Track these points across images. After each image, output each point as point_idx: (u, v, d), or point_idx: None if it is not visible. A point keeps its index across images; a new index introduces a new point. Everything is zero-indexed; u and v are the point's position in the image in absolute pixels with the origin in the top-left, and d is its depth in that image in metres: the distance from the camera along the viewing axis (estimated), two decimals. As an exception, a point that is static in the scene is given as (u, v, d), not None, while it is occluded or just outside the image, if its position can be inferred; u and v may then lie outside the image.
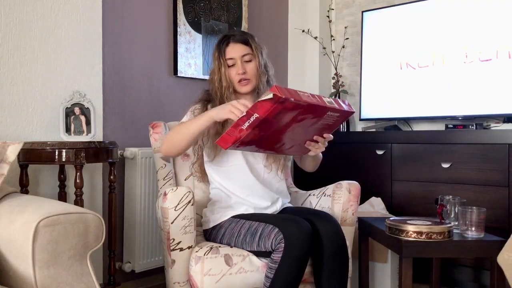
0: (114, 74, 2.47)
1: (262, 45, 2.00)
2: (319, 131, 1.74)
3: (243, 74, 1.93)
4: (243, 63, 1.93)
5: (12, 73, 2.04)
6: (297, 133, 1.69)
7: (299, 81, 3.51)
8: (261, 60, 1.96)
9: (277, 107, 1.49)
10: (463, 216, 1.94)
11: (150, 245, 2.46)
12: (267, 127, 1.57)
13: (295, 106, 1.52)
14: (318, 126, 1.70)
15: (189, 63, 2.81)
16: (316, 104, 1.57)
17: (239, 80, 1.93)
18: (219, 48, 1.95)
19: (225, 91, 1.92)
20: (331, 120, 1.70)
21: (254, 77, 1.95)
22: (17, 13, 2.06)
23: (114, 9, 2.46)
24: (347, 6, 3.50)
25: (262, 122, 1.53)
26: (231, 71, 1.94)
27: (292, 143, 1.74)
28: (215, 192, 2.00)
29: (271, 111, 1.49)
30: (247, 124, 1.53)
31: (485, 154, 2.51)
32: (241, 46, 1.94)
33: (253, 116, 1.51)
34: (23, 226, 1.31)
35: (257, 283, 1.75)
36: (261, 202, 1.94)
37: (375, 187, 2.85)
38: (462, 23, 2.81)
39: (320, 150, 1.81)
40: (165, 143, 1.87)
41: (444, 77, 2.86)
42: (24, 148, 1.90)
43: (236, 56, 1.93)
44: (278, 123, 1.58)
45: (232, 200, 1.94)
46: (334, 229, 1.77)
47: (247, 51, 1.94)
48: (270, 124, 1.56)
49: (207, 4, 2.92)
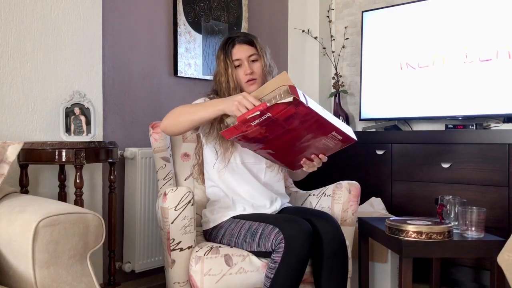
0: (114, 74, 2.47)
1: (265, 46, 2.02)
2: (318, 150, 1.74)
3: (251, 74, 1.94)
4: (249, 63, 1.94)
5: (12, 73, 2.04)
6: (297, 146, 1.70)
7: (299, 81, 3.50)
8: (266, 60, 1.98)
9: (290, 109, 1.50)
10: (463, 216, 1.94)
11: (150, 245, 2.46)
12: (274, 129, 1.58)
13: (307, 113, 1.54)
14: (318, 145, 1.71)
15: (189, 63, 2.81)
16: (325, 118, 1.58)
17: (247, 80, 1.94)
18: (225, 50, 1.96)
19: (232, 92, 1.93)
20: (332, 142, 1.70)
21: (260, 77, 1.96)
22: (17, 13, 2.06)
23: (114, 9, 2.46)
24: (347, 6, 3.50)
25: (271, 122, 1.54)
26: (238, 72, 1.95)
27: (288, 154, 1.75)
28: (213, 191, 2.00)
29: (284, 112, 1.51)
30: (257, 121, 1.54)
31: (485, 154, 2.51)
32: (247, 46, 1.95)
33: (265, 116, 1.52)
34: (23, 226, 1.31)
35: (257, 283, 1.75)
36: (260, 202, 1.94)
37: (375, 187, 2.85)
38: (462, 23, 2.81)
39: (313, 169, 1.82)
40: (168, 119, 1.83)
41: (444, 77, 2.86)
42: (24, 148, 1.90)
43: (242, 56, 1.94)
44: (285, 128, 1.58)
45: (231, 200, 1.94)
46: (334, 229, 1.78)
47: (253, 52, 1.95)
48: (277, 127, 1.58)
49: (207, 4, 2.92)
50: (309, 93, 3.45)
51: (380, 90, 3.11)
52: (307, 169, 1.81)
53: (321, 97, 3.45)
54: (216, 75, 2.01)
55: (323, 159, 1.78)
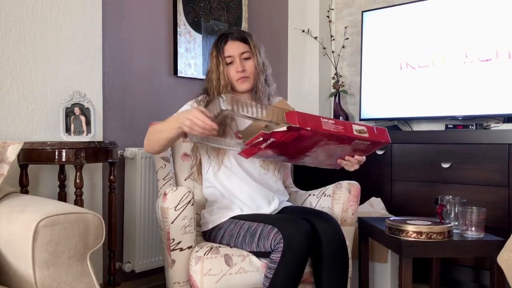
0: (114, 74, 2.47)
1: (260, 44, 1.99)
2: (352, 152, 1.71)
3: (242, 71, 1.92)
4: (242, 61, 1.93)
5: (12, 73, 2.04)
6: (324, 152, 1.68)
7: (299, 81, 3.51)
8: (259, 58, 1.95)
9: (292, 134, 1.49)
10: (463, 216, 1.94)
11: (150, 245, 2.46)
12: (287, 147, 1.59)
13: (313, 134, 1.51)
14: (347, 150, 1.69)
15: (189, 63, 2.81)
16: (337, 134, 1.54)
17: (238, 78, 1.93)
18: (217, 46, 1.94)
19: (223, 90, 1.91)
20: (362, 146, 1.67)
21: (252, 75, 1.94)
22: (17, 13, 2.06)
23: (114, 9, 2.46)
24: (347, 6, 3.50)
25: (280, 144, 1.55)
26: (229, 69, 1.93)
27: (319, 158, 1.74)
28: (210, 192, 2.00)
29: (287, 137, 1.50)
30: (265, 145, 1.56)
31: (485, 154, 2.51)
32: (240, 43, 1.94)
33: (270, 140, 1.53)
34: (23, 226, 1.31)
35: (257, 283, 1.75)
36: (258, 201, 1.93)
37: (375, 187, 2.84)
38: (462, 23, 2.81)
39: (354, 168, 1.79)
40: (146, 140, 1.86)
41: (444, 77, 2.86)
42: (24, 148, 1.90)
43: (234, 53, 1.92)
44: (299, 145, 1.58)
45: (228, 200, 1.93)
46: (334, 230, 1.77)
47: (246, 49, 1.94)
48: (290, 146, 1.58)
49: (207, 4, 2.92)
50: (309, 93, 3.46)
51: (380, 90, 3.11)
52: (348, 169, 1.80)
53: (321, 97, 3.45)
54: (208, 73, 1.99)
55: (359, 159, 1.75)
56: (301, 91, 3.50)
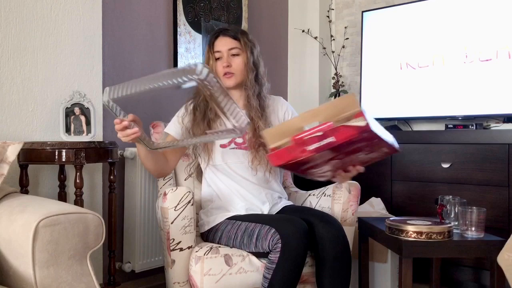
0: (114, 74, 2.47)
1: (254, 42, 1.99)
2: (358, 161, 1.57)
3: (227, 67, 1.92)
4: (229, 57, 1.93)
5: (12, 73, 2.04)
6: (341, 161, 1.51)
7: (299, 81, 3.51)
8: (249, 56, 1.94)
9: (358, 136, 1.27)
10: (463, 216, 1.94)
11: (150, 245, 2.46)
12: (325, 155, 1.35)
13: (370, 138, 1.32)
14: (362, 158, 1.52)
15: (189, 63, 2.81)
16: (382, 139, 1.36)
17: (223, 74, 1.93)
18: (209, 41, 1.97)
19: None
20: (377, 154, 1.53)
21: (239, 72, 1.94)
22: (17, 13, 2.06)
23: (114, 9, 2.46)
24: (347, 6, 3.50)
25: (330, 149, 1.29)
26: (218, 65, 1.94)
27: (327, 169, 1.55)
28: (206, 191, 2.01)
29: (351, 139, 1.27)
30: (315, 146, 1.27)
31: (485, 154, 2.51)
32: (230, 39, 1.94)
33: (327, 139, 1.26)
34: (23, 226, 1.31)
35: (257, 283, 1.75)
36: (252, 200, 1.93)
37: (375, 187, 2.85)
38: (462, 23, 2.81)
39: (346, 180, 1.69)
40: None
41: (444, 77, 2.86)
42: (24, 148, 1.90)
43: (223, 49, 1.93)
44: (337, 154, 1.37)
45: (222, 200, 1.93)
46: (337, 232, 1.76)
47: (235, 45, 1.93)
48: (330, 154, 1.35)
49: (207, 4, 2.92)
50: (309, 93, 3.46)
51: (380, 90, 3.11)
52: (340, 181, 1.69)
53: (321, 97, 3.45)
54: None
55: (359, 170, 1.64)
56: (301, 91, 3.50)
